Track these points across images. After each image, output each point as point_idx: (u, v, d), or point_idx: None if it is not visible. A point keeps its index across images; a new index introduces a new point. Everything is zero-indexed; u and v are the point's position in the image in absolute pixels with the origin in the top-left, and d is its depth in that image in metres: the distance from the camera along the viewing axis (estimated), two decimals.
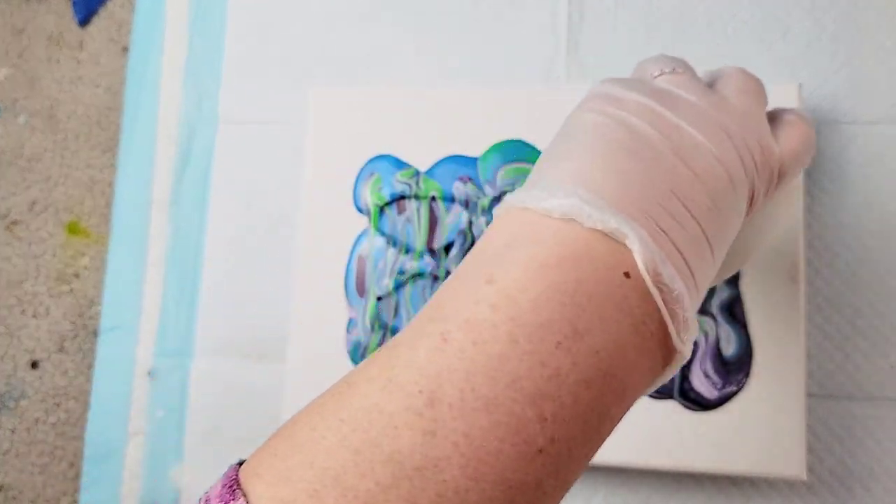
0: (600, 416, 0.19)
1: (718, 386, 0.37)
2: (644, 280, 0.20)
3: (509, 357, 0.18)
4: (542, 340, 0.19)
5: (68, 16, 0.54)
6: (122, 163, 0.51)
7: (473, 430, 0.18)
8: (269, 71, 0.49)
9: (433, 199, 0.42)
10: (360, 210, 0.43)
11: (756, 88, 0.26)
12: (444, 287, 0.21)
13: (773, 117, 0.26)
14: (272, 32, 0.50)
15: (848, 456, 0.39)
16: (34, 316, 0.51)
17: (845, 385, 0.40)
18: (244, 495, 0.18)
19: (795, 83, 0.39)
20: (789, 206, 0.29)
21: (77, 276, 0.51)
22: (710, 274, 0.23)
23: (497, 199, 0.41)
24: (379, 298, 0.42)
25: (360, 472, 0.17)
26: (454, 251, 0.41)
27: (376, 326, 0.41)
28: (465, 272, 0.21)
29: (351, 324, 0.42)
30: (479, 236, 0.41)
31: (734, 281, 0.38)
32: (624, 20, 0.45)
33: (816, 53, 0.43)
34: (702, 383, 0.37)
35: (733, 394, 0.37)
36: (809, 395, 0.39)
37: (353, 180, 0.43)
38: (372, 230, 0.42)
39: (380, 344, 0.41)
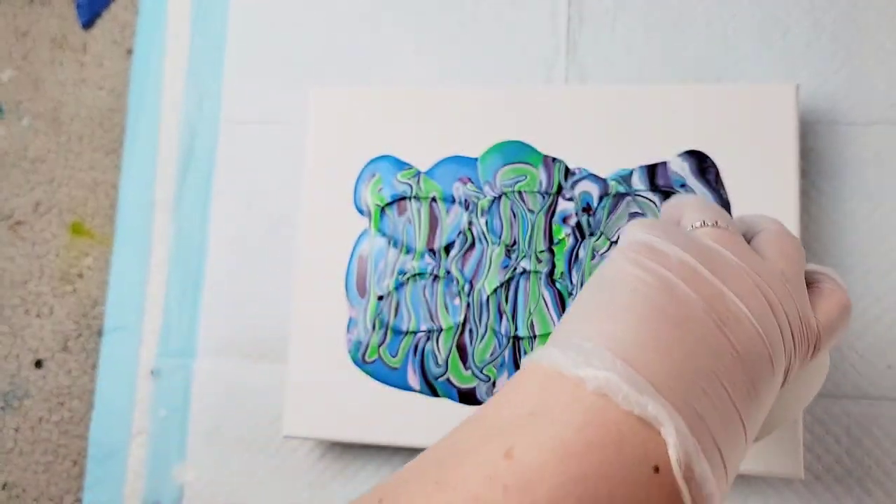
0: None
1: None
2: (675, 477, 0.18)
3: None
4: None
5: (72, 18, 0.55)
6: (125, 164, 0.51)
7: None
8: (271, 72, 0.50)
9: (433, 199, 0.42)
10: (360, 211, 0.43)
11: (797, 253, 0.25)
12: (456, 437, 0.20)
13: (809, 283, 0.25)
14: (273, 34, 0.50)
15: (845, 455, 0.39)
16: (38, 316, 0.51)
17: (842, 385, 0.40)
18: None
19: (794, 83, 0.39)
20: (819, 377, 0.28)
21: (81, 276, 0.51)
22: (740, 459, 0.21)
23: (497, 200, 0.41)
24: (380, 298, 0.42)
25: None
26: (454, 251, 0.41)
27: (377, 326, 0.42)
28: (481, 430, 0.20)
29: (351, 323, 0.42)
30: (478, 237, 0.41)
31: None
32: (623, 21, 0.45)
33: (815, 54, 0.43)
34: None
35: None
36: None
37: (353, 181, 0.43)
38: (372, 230, 0.43)
39: (380, 344, 0.41)
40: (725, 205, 0.39)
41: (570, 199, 0.41)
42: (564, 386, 0.19)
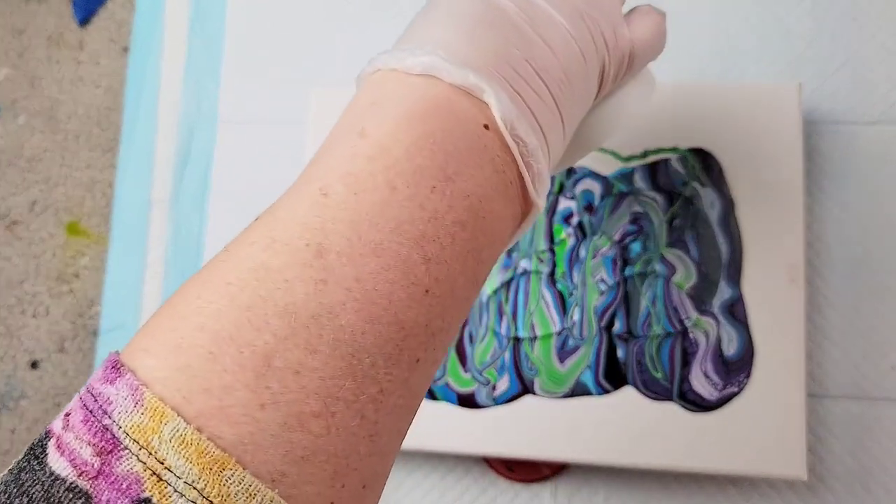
0: (475, 257, 0.21)
1: (719, 387, 0.37)
2: (501, 132, 0.21)
3: (390, 203, 0.19)
4: (419, 185, 0.20)
5: (68, 16, 0.54)
6: (122, 163, 0.51)
7: (364, 275, 0.18)
8: (268, 71, 0.49)
9: None
10: None
11: None
12: (317, 152, 0.22)
13: (631, 11, 0.29)
14: (271, 33, 0.50)
15: (848, 456, 0.39)
16: (34, 316, 0.51)
17: (845, 385, 0.40)
18: (131, 371, 0.17)
19: (796, 83, 0.39)
20: (640, 98, 0.30)
21: (77, 276, 0.51)
22: (559, 142, 0.24)
23: None
24: None
25: (255, 327, 0.17)
26: None
27: None
28: (336, 134, 0.22)
29: None
30: None
31: (735, 281, 0.38)
32: None
33: (817, 53, 0.43)
34: (702, 385, 0.37)
35: (734, 395, 0.37)
36: (810, 395, 0.40)
37: None
38: None
39: None
40: (730, 203, 0.39)
41: (572, 198, 0.40)
42: (397, 77, 0.22)
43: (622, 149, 0.40)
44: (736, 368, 0.37)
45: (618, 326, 0.39)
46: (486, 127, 0.21)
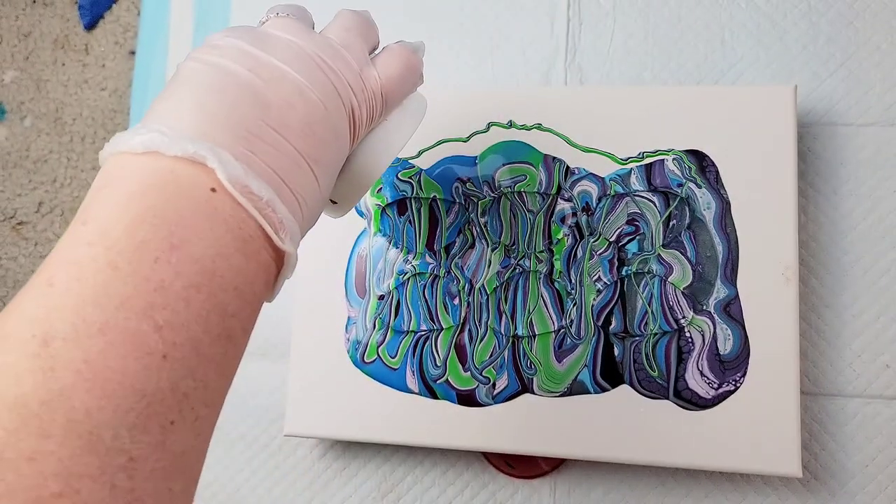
0: (220, 313, 0.22)
1: (715, 385, 0.37)
2: (230, 192, 0.22)
3: (113, 282, 0.20)
4: (141, 260, 0.20)
5: (74, 19, 0.55)
6: None
7: (93, 355, 0.19)
8: None
9: (434, 199, 0.42)
10: (360, 213, 0.43)
11: (358, 25, 0.29)
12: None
13: (382, 50, 0.30)
14: None
15: (842, 453, 0.39)
16: None
17: (839, 383, 0.40)
18: None
19: (791, 85, 0.39)
20: (408, 124, 0.31)
21: None
22: (312, 188, 0.25)
23: (496, 200, 0.42)
24: (380, 297, 0.42)
25: None
26: (454, 251, 0.42)
27: (378, 325, 0.42)
28: (71, 224, 0.22)
29: (350, 323, 0.42)
30: (478, 237, 0.42)
31: (731, 281, 0.38)
32: (622, 25, 0.46)
33: (812, 56, 0.43)
34: (697, 383, 0.38)
35: (729, 393, 0.37)
36: (804, 393, 0.40)
37: None
38: (372, 230, 0.43)
39: (379, 343, 0.42)
40: (725, 204, 0.39)
41: (569, 200, 0.41)
42: (125, 159, 0.22)
43: (619, 151, 0.41)
44: (731, 367, 0.38)
45: (615, 325, 0.39)
46: (214, 190, 0.22)
